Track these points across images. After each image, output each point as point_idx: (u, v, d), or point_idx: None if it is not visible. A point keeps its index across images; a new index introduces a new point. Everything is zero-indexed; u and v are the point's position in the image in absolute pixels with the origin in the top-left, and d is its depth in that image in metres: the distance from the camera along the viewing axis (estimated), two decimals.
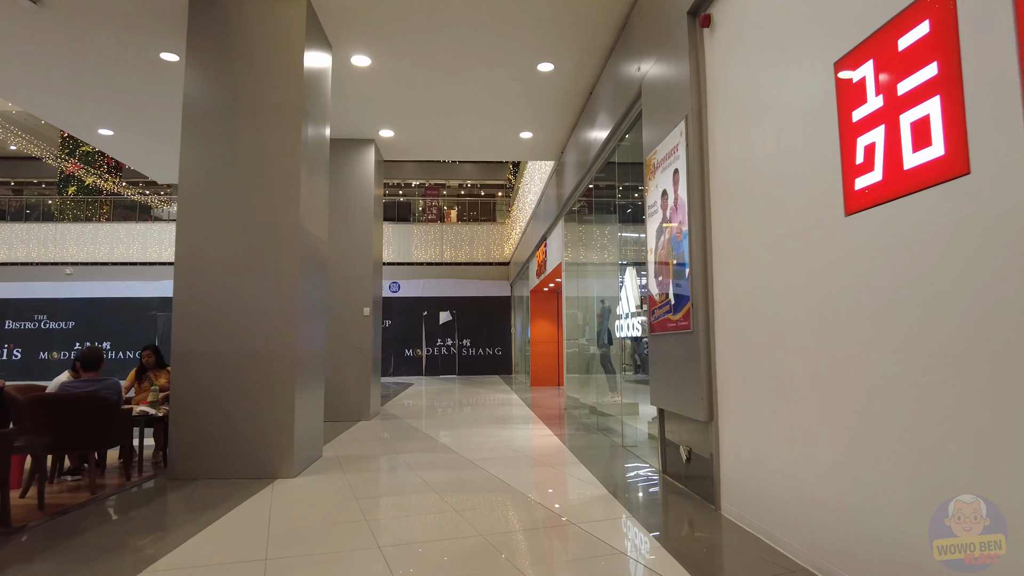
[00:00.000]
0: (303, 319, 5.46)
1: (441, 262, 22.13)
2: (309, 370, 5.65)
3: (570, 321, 10.28)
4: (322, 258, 6.14)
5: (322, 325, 6.15)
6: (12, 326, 20.83)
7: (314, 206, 5.88)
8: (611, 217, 8.51)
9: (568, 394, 10.23)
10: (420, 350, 21.31)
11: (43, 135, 23.08)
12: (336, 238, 9.34)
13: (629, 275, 7.82)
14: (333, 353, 9.05)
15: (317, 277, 5.95)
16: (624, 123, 6.36)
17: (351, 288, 9.24)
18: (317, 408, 5.95)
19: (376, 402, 9.66)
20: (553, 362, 15.68)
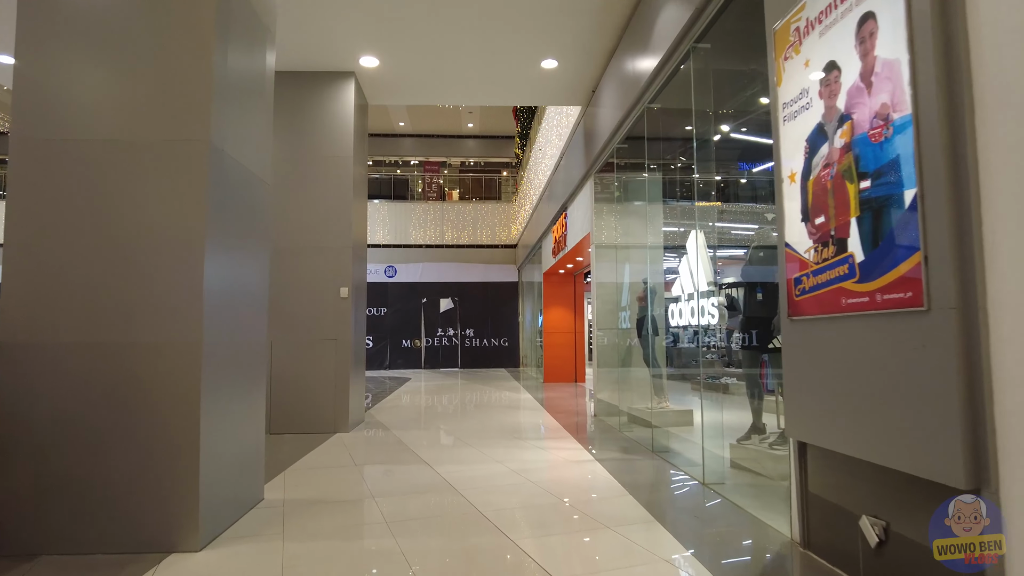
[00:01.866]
0: (220, 296, 3.44)
1: (442, 244, 20.11)
2: (233, 374, 3.64)
3: (602, 304, 8.26)
4: (260, 204, 4.10)
5: (261, 307, 4.14)
6: None
7: (246, 130, 3.85)
8: (665, 166, 6.48)
9: (598, 395, 8.22)
10: (419, 341, 19.33)
11: None
12: (303, 199, 7.31)
13: (696, 241, 5.79)
14: (298, 347, 7.04)
15: (251, 233, 3.93)
16: (708, 9, 4.31)
17: (324, 263, 7.22)
18: (252, 430, 3.95)
19: (358, 407, 7.66)
20: (569, 355, 13.69)
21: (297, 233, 7.25)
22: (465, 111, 23.53)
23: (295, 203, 7.29)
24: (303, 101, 7.43)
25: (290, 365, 7.09)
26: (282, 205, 7.28)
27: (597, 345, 8.18)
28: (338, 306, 7.16)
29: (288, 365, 7.09)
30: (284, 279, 7.18)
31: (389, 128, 25.44)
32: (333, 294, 7.17)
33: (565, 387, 12.66)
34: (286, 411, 7.04)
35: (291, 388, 7.06)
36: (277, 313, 7.16)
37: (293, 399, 7.05)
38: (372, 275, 19.43)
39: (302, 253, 7.22)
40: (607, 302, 8.26)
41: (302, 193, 7.30)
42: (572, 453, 5.72)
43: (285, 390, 7.06)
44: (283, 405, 7.04)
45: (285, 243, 7.23)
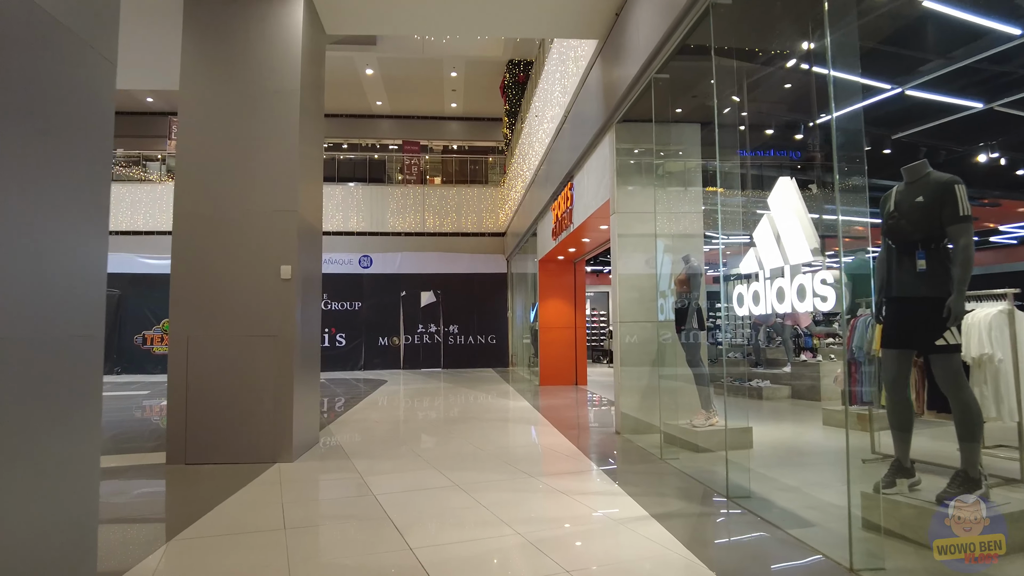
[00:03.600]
0: None
1: (423, 232, 18.24)
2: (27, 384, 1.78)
3: (627, 290, 6.46)
4: (80, 85, 2.23)
5: (96, 276, 2.26)
6: None
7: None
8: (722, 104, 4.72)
9: (622, 407, 6.42)
10: (397, 339, 17.44)
11: None
12: (231, 148, 5.43)
13: (787, 194, 4.02)
14: (223, 345, 5.19)
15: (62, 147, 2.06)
16: None
17: (259, 235, 5.35)
18: (80, 480, 2.08)
19: (309, 425, 5.80)
20: (569, 353, 11.91)
21: (222, 194, 5.38)
22: (449, 89, 21.67)
23: (220, 153, 5.42)
24: (233, 20, 5.54)
25: (212, 370, 5.22)
26: (201, 155, 5.40)
27: (620, 342, 6.39)
28: (279, 291, 5.29)
29: (209, 370, 5.22)
30: (203, 255, 5.31)
31: (365, 108, 23.48)
32: (271, 275, 5.30)
33: (565, 391, 10.88)
34: (207, 432, 5.17)
35: (214, 401, 5.20)
36: (194, 300, 5.28)
37: (216, 416, 5.18)
38: (346, 265, 17.49)
39: (228, 221, 5.35)
40: (634, 288, 6.47)
41: (230, 140, 5.43)
42: (610, 501, 3.92)
43: (205, 403, 5.19)
44: (203, 424, 5.17)
45: (204, 207, 5.35)
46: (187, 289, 5.29)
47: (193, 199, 5.35)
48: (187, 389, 5.18)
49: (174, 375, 5.21)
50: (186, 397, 5.18)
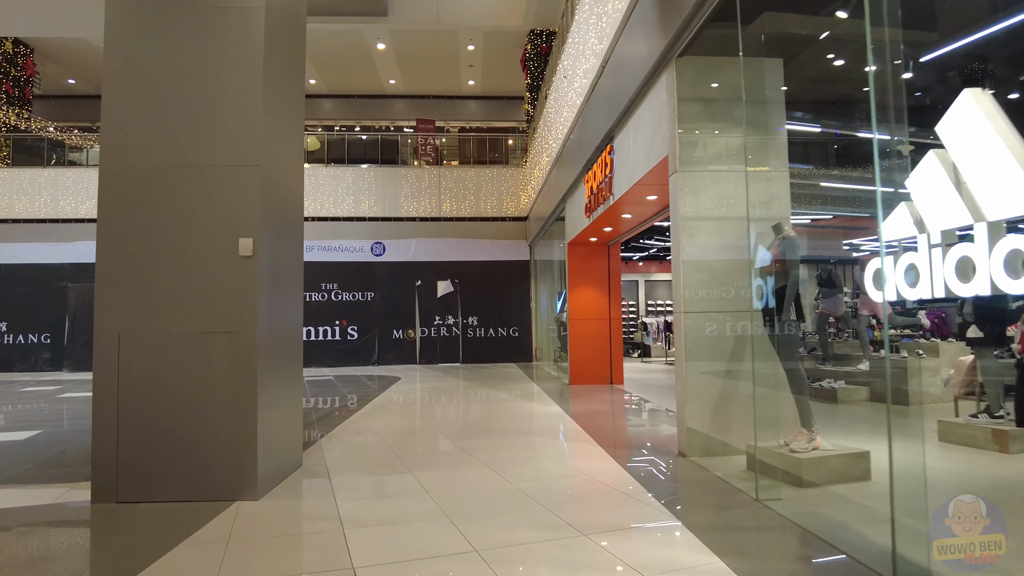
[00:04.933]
0: None
1: (439, 217, 16.90)
2: None
3: (694, 270, 5.04)
4: None
5: None
6: None
7: None
8: None
9: (687, 420, 4.99)
10: (412, 331, 16.15)
11: None
12: (167, 84, 4.12)
13: (972, 116, 2.58)
14: (163, 345, 3.89)
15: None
16: None
17: (205, 197, 4.02)
18: None
19: (286, 446, 4.49)
20: (602, 348, 10.50)
21: (159, 145, 4.06)
22: (466, 64, 20.25)
23: (157, 91, 4.10)
24: None
25: (150, 378, 3.92)
26: (131, 95, 4.09)
27: (685, 336, 4.97)
28: (236, 273, 3.96)
29: (147, 378, 3.92)
30: (135, 226, 4.01)
31: (378, 88, 22.16)
32: (226, 252, 3.97)
33: (600, 393, 9.49)
34: (146, 460, 3.87)
35: (154, 418, 3.90)
36: (126, 285, 3.98)
37: (158, 438, 3.88)
38: (357, 253, 16.22)
39: (167, 180, 4.03)
40: (701, 269, 5.05)
41: (169, 74, 4.10)
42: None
43: (143, 422, 3.89)
44: (141, 448, 3.88)
45: (136, 163, 4.04)
46: (116, 271, 3.99)
47: (121, 153, 4.04)
48: (118, 403, 3.88)
49: (100, 384, 3.92)
50: (117, 414, 3.88)
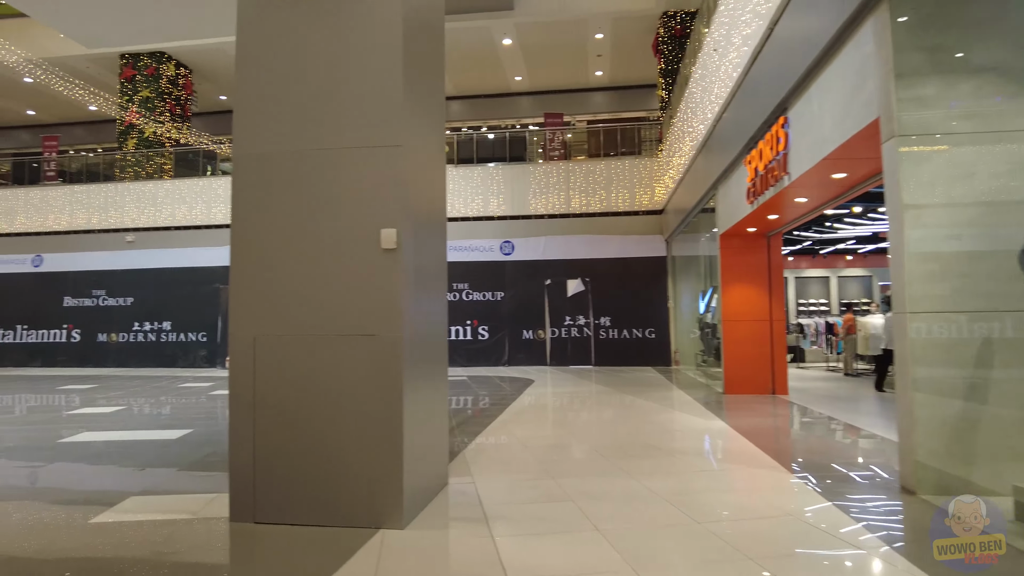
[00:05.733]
0: None
1: (568, 213, 16.23)
2: None
3: (920, 261, 3.99)
4: None
5: None
6: (71, 303, 17.60)
7: None
8: None
9: (917, 452, 3.93)
10: (542, 332, 15.61)
11: (104, 83, 19.71)
12: (303, 65, 3.71)
13: None
14: (299, 351, 3.47)
15: None
16: None
17: (343, 184, 3.56)
18: None
19: (432, 463, 3.96)
20: (762, 353, 9.33)
21: (292, 122, 3.66)
22: (593, 55, 19.46)
23: (292, 74, 3.71)
24: None
25: (287, 385, 3.52)
26: (266, 79, 3.74)
27: (911, 342, 3.93)
28: (378, 269, 3.47)
29: (283, 385, 3.52)
30: (268, 213, 3.64)
31: (503, 86, 21.88)
32: (367, 244, 3.49)
33: (762, 403, 8.37)
34: (283, 478, 3.48)
35: (290, 430, 3.50)
36: (260, 284, 3.62)
37: (295, 454, 3.48)
38: (487, 252, 15.92)
39: (302, 162, 3.62)
40: (931, 259, 3.99)
41: (303, 55, 3.70)
42: None
43: (279, 434, 3.50)
44: (277, 465, 3.49)
45: (268, 142, 3.67)
46: (250, 266, 3.64)
47: (254, 138, 3.69)
48: (254, 413, 3.52)
49: (237, 392, 3.57)
50: (253, 424, 3.52)
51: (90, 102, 18.97)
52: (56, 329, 17.53)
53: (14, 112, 23.29)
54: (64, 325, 17.61)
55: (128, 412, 8.38)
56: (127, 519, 3.63)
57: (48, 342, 17.51)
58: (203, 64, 19.62)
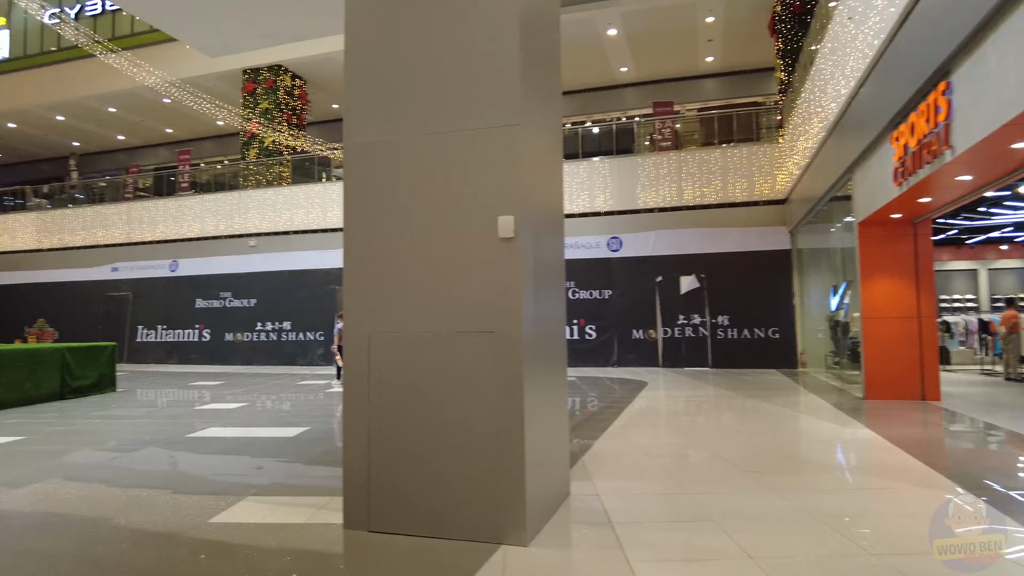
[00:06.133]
0: None
1: (680, 206, 15.47)
2: None
3: None
4: None
5: None
6: (201, 305, 18.88)
7: None
8: None
9: None
10: (654, 331, 14.94)
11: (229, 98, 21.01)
12: (413, 44, 3.47)
13: None
14: (413, 349, 3.23)
15: None
16: None
17: (458, 169, 3.30)
18: None
19: (553, 470, 3.62)
20: (911, 353, 8.30)
21: (402, 108, 3.44)
22: (704, 40, 18.50)
23: (402, 55, 3.49)
24: None
25: (400, 385, 3.31)
26: (376, 61, 3.54)
27: None
28: (495, 259, 3.18)
29: (396, 385, 3.31)
30: (379, 204, 3.44)
31: (608, 78, 21.27)
32: (483, 233, 3.21)
33: (912, 410, 7.41)
34: (397, 483, 3.27)
35: (405, 434, 3.28)
36: (373, 278, 3.43)
37: (409, 459, 3.26)
38: (593, 249, 15.46)
39: (412, 149, 3.40)
40: None
41: (414, 34, 3.47)
42: None
43: (393, 438, 3.29)
44: (391, 470, 3.28)
45: (378, 131, 3.48)
46: (363, 261, 3.46)
47: (364, 126, 3.51)
48: (369, 415, 3.33)
49: (351, 392, 3.40)
50: (368, 426, 3.33)
51: (217, 117, 20.31)
52: (189, 329, 18.83)
53: (156, 131, 25.40)
54: (196, 325, 18.88)
55: (251, 408, 8.67)
56: (243, 521, 3.55)
57: (182, 341, 18.85)
58: (316, 75, 20.46)
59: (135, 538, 3.35)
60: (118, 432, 6.91)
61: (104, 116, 23.54)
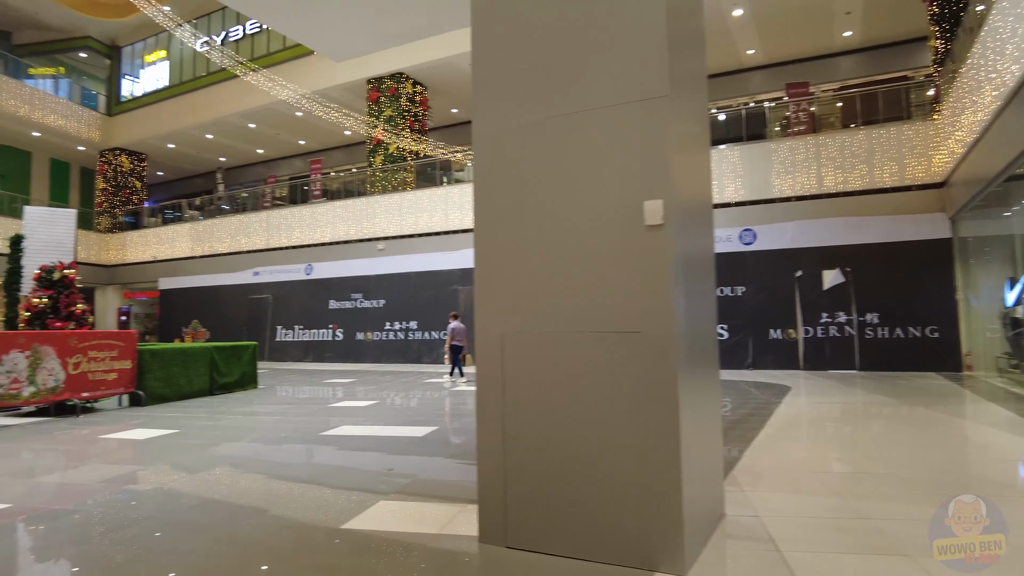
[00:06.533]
0: None
1: (820, 194, 14.24)
2: None
3: None
4: None
5: None
6: (335, 306, 19.86)
7: None
8: None
9: None
10: (793, 331, 13.83)
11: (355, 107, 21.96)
12: (548, 16, 3.19)
13: None
14: (548, 350, 2.95)
15: None
16: None
17: (589, 144, 2.97)
18: None
19: (707, 488, 3.20)
20: None
21: (533, 89, 3.17)
22: (841, 13, 16.95)
23: (538, 26, 3.22)
24: None
25: (535, 390, 3.04)
26: (498, 33, 3.30)
27: None
28: (640, 249, 2.83)
29: (531, 389, 3.05)
30: (510, 192, 3.18)
31: (734, 62, 20.07)
32: (626, 221, 2.87)
33: None
34: (535, 496, 3.00)
35: (541, 443, 3.01)
36: (506, 272, 3.19)
37: (547, 470, 2.98)
38: (724, 243, 14.56)
39: (544, 132, 3.11)
40: None
41: (550, 9, 3.19)
42: None
43: (529, 446, 3.04)
44: (528, 481, 3.02)
45: (507, 115, 3.22)
46: (495, 255, 3.22)
47: (493, 112, 3.27)
48: (504, 420, 3.10)
49: (484, 397, 3.18)
50: (503, 433, 3.09)
51: (345, 127, 21.32)
52: (323, 329, 19.83)
53: (290, 143, 27.12)
54: (330, 325, 19.85)
55: (380, 406, 8.82)
56: (374, 528, 3.43)
57: (318, 340, 19.89)
58: (436, 80, 20.89)
59: (267, 541, 3.33)
60: (260, 428, 7.22)
61: (245, 132, 25.40)
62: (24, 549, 3.43)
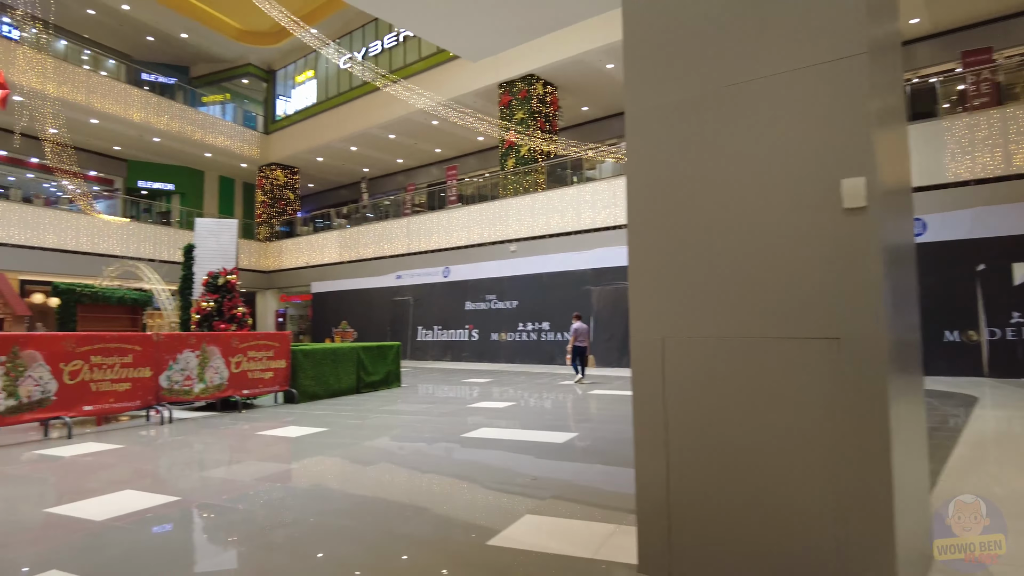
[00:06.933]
0: None
1: (1006, 176, 12.40)
2: None
3: None
4: None
5: None
6: (470, 307, 20.29)
7: None
8: None
9: None
10: (974, 332, 12.13)
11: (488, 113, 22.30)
12: None
13: None
14: (716, 358, 2.56)
15: None
16: None
17: (764, 116, 2.55)
18: None
19: (917, 519, 2.68)
20: None
21: (693, 59, 2.80)
22: None
23: None
24: None
25: (705, 402, 2.68)
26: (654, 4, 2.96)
27: None
28: (836, 239, 2.38)
29: (704, 404, 2.69)
30: (672, 176, 2.83)
31: None
32: (819, 206, 2.43)
33: None
34: (704, 522, 2.64)
35: (713, 462, 2.64)
36: (666, 266, 2.85)
37: (721, 493, 2.61)
38: None
39: (707, 107, 2.73)
40: None
41: None
42: None
43: (697, 465, 2.68)
44: (696, 503, 2.67)
45: (666, 89, 2.87)
46: (654, 247, 2.88)
47: (649, 86, 2.93)
48: (667, 434, 2.76)
49: (641, 408, 2.86)
50: (667, 451, 2.76)
51: (478, 133, 21.69)
52: (460, 329, 20.28)
53: (427, 152, 28.12)
54: (466, 325, 20.26)
55: (517, 408, 8.72)
56: (521, 547, 3.21)
57: (455, 340, 20.39)
58: (566, 79, 20.70)
59: (408, 544, 3.22)
60: (403, 427, 7.34)
61: (386, 142, 26.65)
62: (200, 542, 3.58)
